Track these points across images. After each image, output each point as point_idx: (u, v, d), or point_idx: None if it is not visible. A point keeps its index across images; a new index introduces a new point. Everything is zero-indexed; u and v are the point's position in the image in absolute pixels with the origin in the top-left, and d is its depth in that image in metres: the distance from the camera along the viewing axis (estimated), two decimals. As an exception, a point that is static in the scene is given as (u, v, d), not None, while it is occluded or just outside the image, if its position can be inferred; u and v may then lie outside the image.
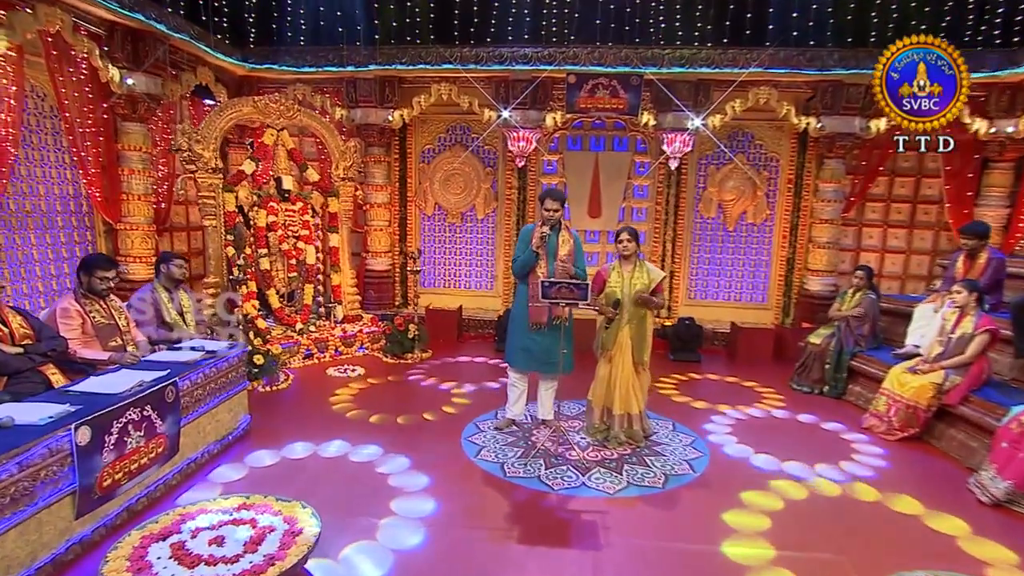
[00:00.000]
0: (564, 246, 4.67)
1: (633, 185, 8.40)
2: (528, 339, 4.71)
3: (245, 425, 4.72)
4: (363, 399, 5.66)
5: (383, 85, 7.96)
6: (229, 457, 4.33)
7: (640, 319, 4.66)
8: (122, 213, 6.43)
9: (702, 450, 4.76)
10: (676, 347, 7.54)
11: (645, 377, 4.80)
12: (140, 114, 6.37)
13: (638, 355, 4.68)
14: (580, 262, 4.72)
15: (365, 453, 4.48)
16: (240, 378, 4.67)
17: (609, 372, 4.75)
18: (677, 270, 8.43)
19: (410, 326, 7.05)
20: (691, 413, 5.59)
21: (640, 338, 4.67)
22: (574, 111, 7.51)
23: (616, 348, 4.70)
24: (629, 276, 4.66)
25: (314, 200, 7.48)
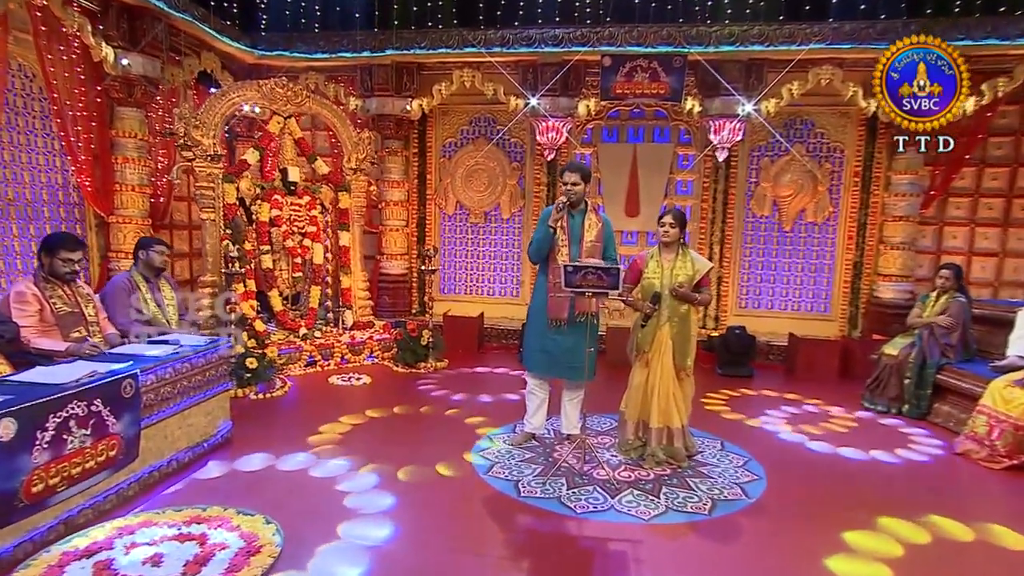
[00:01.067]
0: (591, 230, 4.25)
1: (676, 180, 7.97)
2: (547, 338, 4.29)
3: (225, 432, 4.34)
4: (364, 410, 5.25)
5: (400, 72, 7.71)
6: (201, 466, 3.95)
7: (682, 317, 4.18)
8: (114, 205, 6.22)
9: (757, 472, 4.18)
10: (725, 360, 6.99)
11: (688, 385, 4.30)
12: (136, 98, 6.19)
13: (680, 359, 4.19)
14: (611, 249, 4.31)
15: (348, 466, 4.06)
16: (221, 378, 4.31)
17: (646, 378, 4.27)
18: (726, 276, 7.92)
19: (424, 332, 6.66)
20: (743, 431, 5.05)
21: (683, 339, 4.18)
22: (609, 98, 7.17)
23: (654, 350, 4.22)
24: (670, 266, 4.21)
25: (323, 195, 7.20)
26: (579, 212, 4.26)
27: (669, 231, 4.22)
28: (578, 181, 4.20)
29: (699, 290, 4.21)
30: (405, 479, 3.89)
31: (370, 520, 3.29)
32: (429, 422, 5.03)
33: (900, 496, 3.89)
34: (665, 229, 4.22)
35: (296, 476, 3.88)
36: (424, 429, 4.87)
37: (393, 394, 5.72)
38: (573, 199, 4.18)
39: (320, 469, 4.00)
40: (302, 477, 3.87)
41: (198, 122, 6.12)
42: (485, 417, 5.14)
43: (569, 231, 4.23)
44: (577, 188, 4.18)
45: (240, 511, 2.83)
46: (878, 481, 4.14)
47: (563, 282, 3.91)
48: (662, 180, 7.86)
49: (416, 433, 4.78)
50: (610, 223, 4.39)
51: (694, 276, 4.19)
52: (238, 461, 4.05)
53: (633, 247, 7.96)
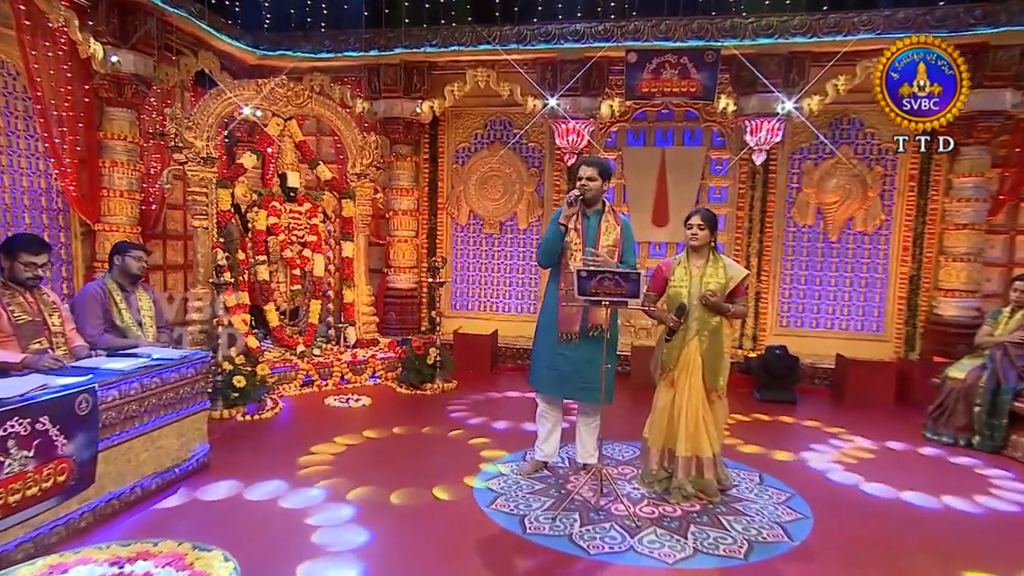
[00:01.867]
0: (608, 233, 4.00)
1: (708, 187, 7.69)
2: (557, 354, 4.02)
3: (201, 456, 4.11)
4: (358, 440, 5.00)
5: (410, 72, 7.58)
6: (171, 495, 3.71)
7: (713, 330, 3.89)
8: (101, 212, 6.10)
9: (802, 511, 3.81)
10: (765, 383, 6.63)
11: (721, 408, 4.00)
12: (127, 98, 6.10)
13: (711, 378, 3.89)
14: (629, 255, 4.05)
15: (324, 495, 3.80)
16: (197, 396, 4.10)
17: (671, 400, 3.97)
18: (765, 291, 7.57)
19: (430, 351, 6.41)
20: (785, 463, 4.67)
21: (713, 356, 3.89)
22: (635, 97, 6.97)
23: (681, 368, 3.93)
24: (699, 273, 3.94)
25: (325, 202, 7.06)
26: (595, 213, 4.03)
27: (698, 233, 3.96)
28: (595, 176, 3.96)
29: (733, 300, 3.92)
30: (395, 509, 3.61)
31: (337, 559, 3.01)
32: (429, 448, 4.76)
33: (987, 548, 3.44)
34: (693, 231, 3.96)
35: (269, 506, 3.62)
36: (422, 457, 4.59)
37: (392, 417, 5.47)
38: (588, 196, 3.94)
39: (296, 499, 3.74)
40: (276, 508, 3.61)
41: (191, 123, 6.01)
42: (493, 442, 4.87)
43: (584, 233, 4.00)
44: (594, 184, 3.95)
45: (197, 546, 2.58)
46: (955, 530, 3.69)
47: (576, 289, 3.65)
48: (693, 186, 7.58)
49: (412, 460, 4.50)
50: (630, 226, 4.13)
51: (727, 284, 3.91)
52: (209, 489, 3.81)
53: (660, 259, 7.62)
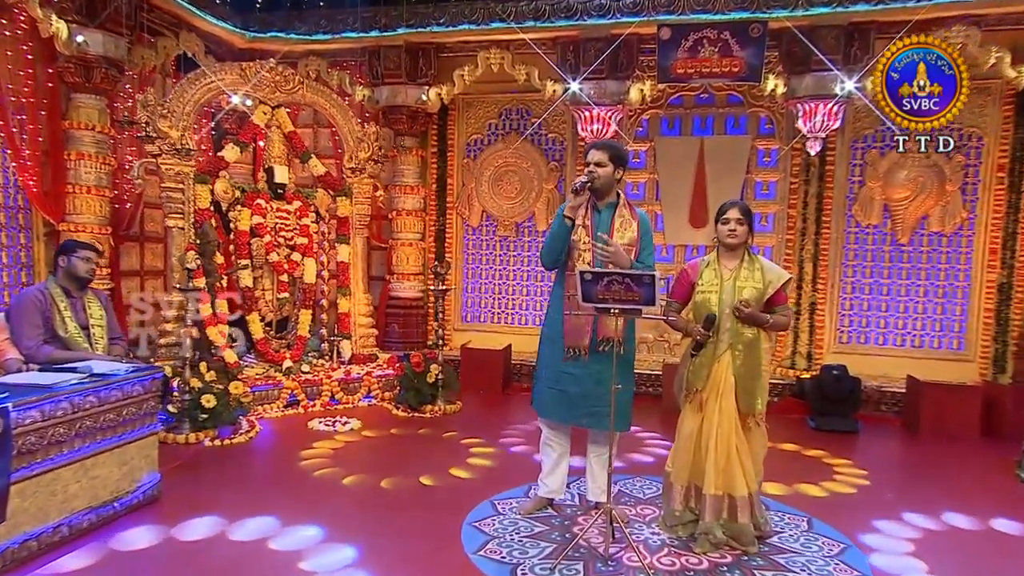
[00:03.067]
0: (623, 231, 3.73)
1: (754, 182, 7.36)
2: (563, 372, 3.75)
3: (150, 488, 3.88)
4: (342, 457, 4.79)
5: (415, 55, 7.42)
6: (107, 536, 3.47)
7: (749, 344, 3.57)
8: (66, 210, 6.00)
9: (859, 567, 3.41)
10: (820, 409, 6.24)
11: (759, 438, 3.66)
12: (95, 83, 5.99)
13: (746, 401, 3.57)
14: (647, 256, 3.76)
15: (304, 537, 3.53)
16: (146, 418, 3.87)
17: (699, 427, 3.66)
18: (821, 302, 7.19)
19: (431, 367, 6.14)
20: (841, 507, 4.25)
21: (749, 374, 3.56)
22: (669, 79, 6.71)
23: (710, 389, 3.62)
24: (732, 277, 3.64)
25: (318, 200, 6.90)
26: (608, 206, 3.76)
27: (736, 229, 3.66)
28: (605, 161, 3.68)
29: (772, 309, 3.59)
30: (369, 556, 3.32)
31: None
32: (411, 481, 4.47)
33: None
34: (731, 227, 3.67)
35: (253, 549, 3.37)
36: (406, 488, 4.31)
37: (380, 444, 5.22)
38: (598, 184, 3.64)
39: (245, 531, 3.48)
40: (258, 550, 3.36)
41: (165, 111, 5.87)
42: (492, 473, 4.60)
43: (593, 230, 3.71)
44: (604, 170, 3.68)
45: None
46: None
47: (580, 294, 3.35)
48: (736, 181, 7.26)
49: (392, 492, 4.22)
50: (647, 222, 3.84)
51: (764, 290, 3.59)
52: (156, 529, 3.57)
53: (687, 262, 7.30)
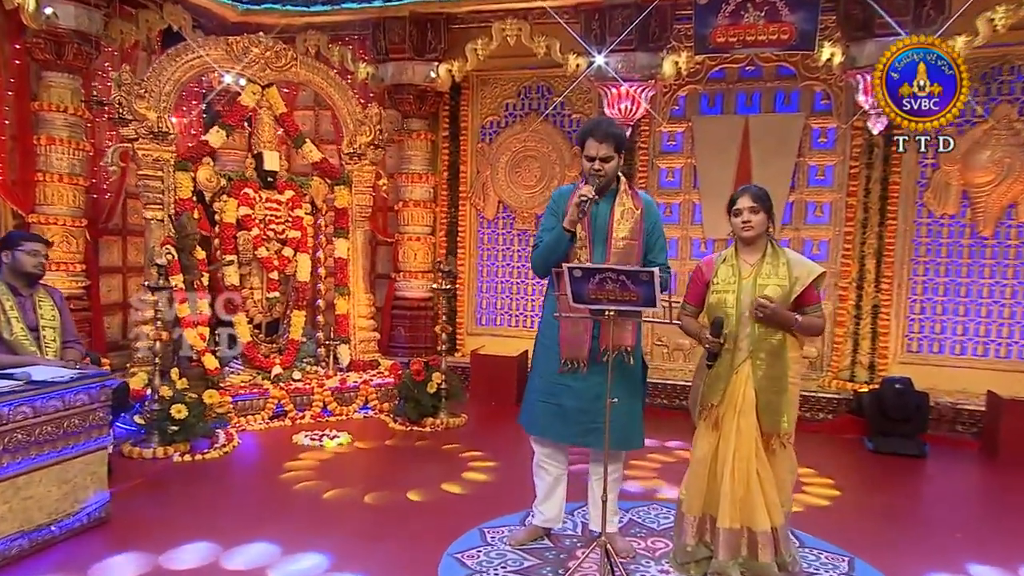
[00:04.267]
0: (624, 222, 3.55)
1: (808, 166, 7.14)
2: (558, 384, 3.60)
3: (96, 509, 3.81)
4: (328, 469, 4.78)
5: (423, 27, 7.37)
6: (42, 566, 3.41)
7: (773, 352, 3.36)
8: (36, 200, 6.04)
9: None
10: (880, 429, 5.99)
11: (784, 462, 3.46)
12: (68, 60, 6.01)
13: (768, 419, 3.38)
14: (658, 252, 3.61)
15: (257, 555, 3.44)
16: (93, 430, 3.79)
17: (714, 449, 3.45)
18: (885, 304, 6.92)
19: (433, 375, 6.03)
20: (894, 548, 3.98)
21: (773, 387, 3.36)
22: (708, 50, 6.63)
23: (726, 404, 3.42)
24: (752, 274, 3.43)
25: (313, 190, 6.85)
26: (607, 196, 3.57)
27: (751, 220, 3.44)
28: (610, 154, 3.48)
29: (802, 310, 3.36)
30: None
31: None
32: (399, 502, 4.36)
33: None
34: (744, 218, 3.45)
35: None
36: (387, 511, 4.19)
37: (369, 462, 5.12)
38: (601, 182, 3.47)
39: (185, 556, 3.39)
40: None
41: (142, 90, 5.86)
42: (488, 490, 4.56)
43: (590, 224, 3.55)
44: (611, 166, 3.49)
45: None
46: None
47: (569, 295, 3.18)
48: (787, 166, 7.03)
49: (368, 516, 4.12)
50: (655, 208, 3.68)
51: (791, 288, 3.36)
52: (104, 562, 3.51)
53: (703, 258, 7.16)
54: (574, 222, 3.41)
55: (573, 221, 3.41)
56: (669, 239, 7.27)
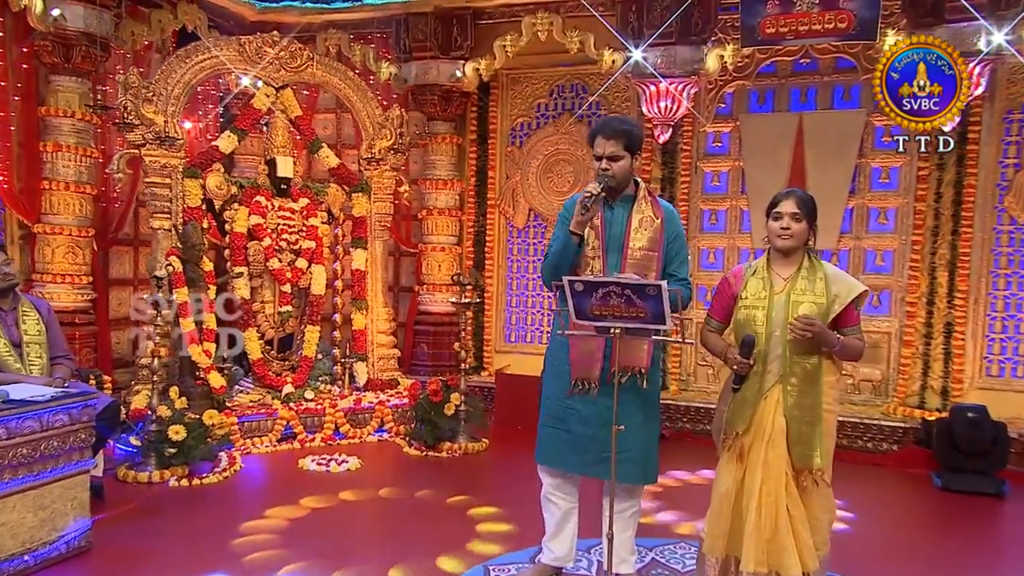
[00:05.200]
0: (642, 231, 3.49)
1: (870, 168, 6.98)
2: (567, 408, 3.54)
3: (75, 537, 3.82)
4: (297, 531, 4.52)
5: (448, 23, 7.43)
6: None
7: (806, 377, 3.22)
8: (42, 209, 6.16)
9: None
10: (949, 463, 5.75)
11: (820, 500, 3.28)
12: (76, 64, 6.12)
13: (800, 452, 3.22)
14: (679, 265, 3.54)
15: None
16: (73, 453, 3.82)
17: (740, 483, 3.32)
18: (960, 322, 6.65)
19: (451, 397, 5.97)
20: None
21: (806, 417, 3.23)
22: (756, 42, 6.54)
23: (754, 433, 3.29)
24: (785, 289, 3.31)
25: (330, 197, 6.91)
26: (622, 201, 3.51)
27: (791, 227, 3.32)
28: (620, 152, 3.40)
29: (840, 332, 3.22)
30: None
31: None
32: (402, 539, 4.28)
33: None
34: (784, 224, 3.33)
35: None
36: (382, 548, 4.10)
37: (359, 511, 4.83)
38: (612, 184, 3.38)
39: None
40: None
41: (150, 93, 5.96)
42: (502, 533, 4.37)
43: (604, 232, 3.48)
44: (620, 164, 3.40)
45: None
46: None
47: (572, 310, 3.10)
48: (846, 168, 6.89)
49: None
50: (677, 218, 3.63)
51: (829, 306, 3.23)
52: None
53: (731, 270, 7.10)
54: (581, 223, 3.34)
55: (580, 223, 3.34)
56: (714, 249, 7.31)
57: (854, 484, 5.44)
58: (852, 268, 6.84)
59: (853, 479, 5.64)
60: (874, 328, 6.80)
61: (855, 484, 5.45)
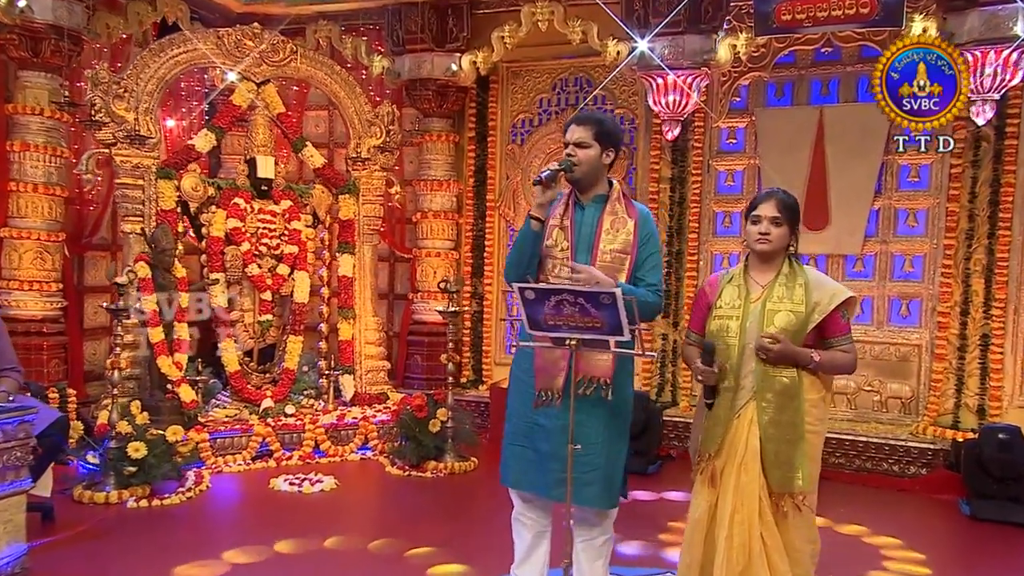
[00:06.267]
0: (614, 233, 3.44)
1: (899, 166, 6.90)
2: (532, 423, 3.46)
3: (8, 564, 3.74)
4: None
5: (443, 14, 7.47)
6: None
7: (783, 394, 3.15)
8: (8, 212, 6.21)
9: None
10: (979, 490, 5.58)
11: (800, 529, 3.20)
12: (44, 58, 6.15)
13: (778, 475, 3.15)
14: (651, 271, 3.46)
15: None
16: (8, 472, 3.74)
17: (712, 509, 3.26)
18: (997, 334, 6.52)
19: (437, 412, 5.92)
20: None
21: (784, 437, 3.15)
22: (770, 30, 6.42)
23: (727, 456, 3.21)
24: (761, 298, 3.25)
25: (315, 199, 6.91)
26: (594, 201, 3.44)
27: (770, 232, 3.25)
28: (587, 140, 3.34)
29: (826, 343, 3.15)
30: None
31: None
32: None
33: None
34: (762, 228, 3.26)
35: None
36: None
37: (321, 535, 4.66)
38: (578, 173, 3.34)
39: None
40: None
41: (121, 89, 6.00)
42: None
43: (574, 232, 3.41)
44: (586, 153, 3.33)
45: None
46: None
47: (525, 320, 3.05)
48: (871, 165, 6.80)
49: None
50: (651, 221, 3.52)
51: (808, 315, 3.14)
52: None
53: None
54: (541, 206, 3.30)
55: (540, 205, 3.30)
56: (728, 254, 7.18)
57: (872, 510, 5.37)
58: (879, 274, 6.75)
59: (872, 505, 5.53)
60: (903, 340, 6.68)
61: (873, 510, 5.37)
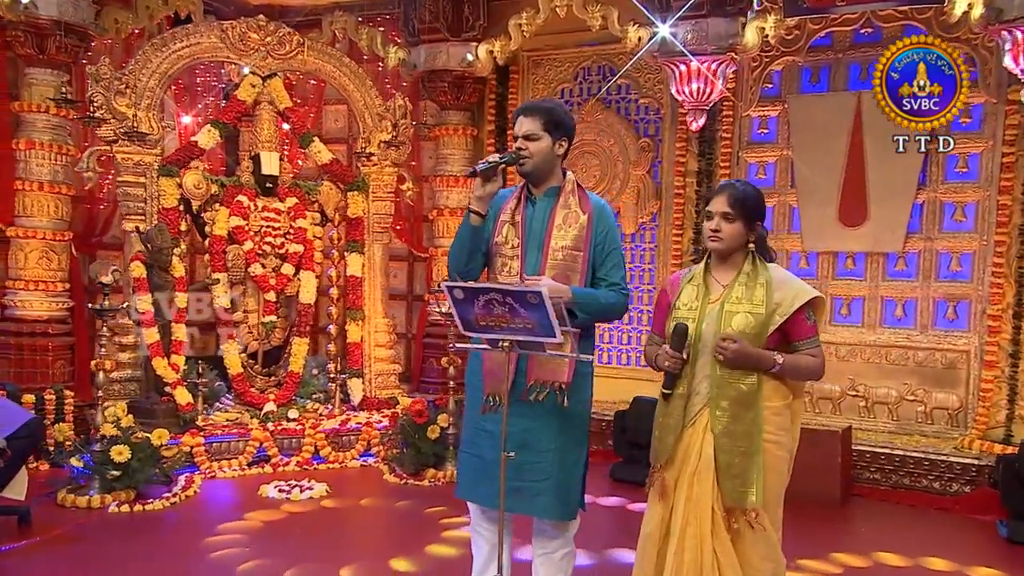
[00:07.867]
0: (566, 229, 3.40)
1: (945, 156, 6.68)
2: (480, 430, 3.45)
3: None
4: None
5: (459, 2, 7.52)
6: None
7: (740, 401, 3.11)
8: (15, 211, 6.44)
9: None
10: (1018, 509, 5.36)
11: (756, 547, 3.12)
12: (51, 55, 6.35)
13: (732, 489, 3.09)
14: (609, 267, 3.42)
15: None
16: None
17: (665, 524, 3.20)
18: None
19: (438, 418, 5.95)
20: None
21: (739, 448, 3.10)
22: (802, 10, 6.54)
23: (680, 466, 3.17)
24: (720, 298, 3.19)
25: (322, 196, 7.01)
26: (546, 195, 3.41)
27: (722, 227, 3.18)
28: (537, 131, 3.30)
29: (792, 346, 3.11)
30: None
31: None
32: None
33: None
34: (714, 224, 3.20)
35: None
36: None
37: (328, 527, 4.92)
38: (529, 166, 3.31)
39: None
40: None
41: (123, 85, 6.18)
42: None
43: (524, 229, 3.38)
44: (537, 145, 3.30)
45: None
46: None
47: (458, 320, 3.06)
48: (914, 155, 6.54)
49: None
50: (609, 214, 3.46)
51: (769, 317, 3.06)
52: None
53: (857, 281, 6.79)
54: (481, 199, 3.25)
55: (479, 198, 3.24)
56: None
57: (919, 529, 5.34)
58: (923, 274, 6.57)
59: (903, 524, 5.38)
60: (950, 346, 6.47)
61: (920, 529, 5.35)
